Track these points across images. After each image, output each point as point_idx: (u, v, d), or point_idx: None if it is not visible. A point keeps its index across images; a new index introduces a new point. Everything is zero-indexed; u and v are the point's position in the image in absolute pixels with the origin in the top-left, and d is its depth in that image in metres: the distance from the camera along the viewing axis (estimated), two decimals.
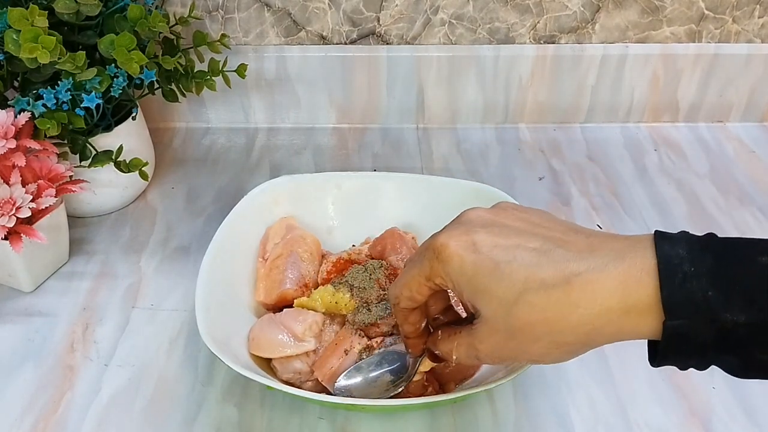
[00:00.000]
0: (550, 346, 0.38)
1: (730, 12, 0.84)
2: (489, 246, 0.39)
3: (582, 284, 0.36)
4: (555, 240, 0.38)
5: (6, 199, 0.60)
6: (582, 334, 0.36)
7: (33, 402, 0.56)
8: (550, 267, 0.37)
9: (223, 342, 0.53)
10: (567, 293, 0.36)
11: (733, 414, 0.56)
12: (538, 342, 0.38)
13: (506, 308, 0.38)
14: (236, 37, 0.85)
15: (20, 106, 0.63)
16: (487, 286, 0.38)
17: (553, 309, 0.36)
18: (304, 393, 0.50)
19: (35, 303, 0.65)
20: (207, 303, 0.55)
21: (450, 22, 0.85)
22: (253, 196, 0.65)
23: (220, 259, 0.60)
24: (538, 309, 0.37)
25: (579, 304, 0.36)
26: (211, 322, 0.53)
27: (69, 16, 0.64)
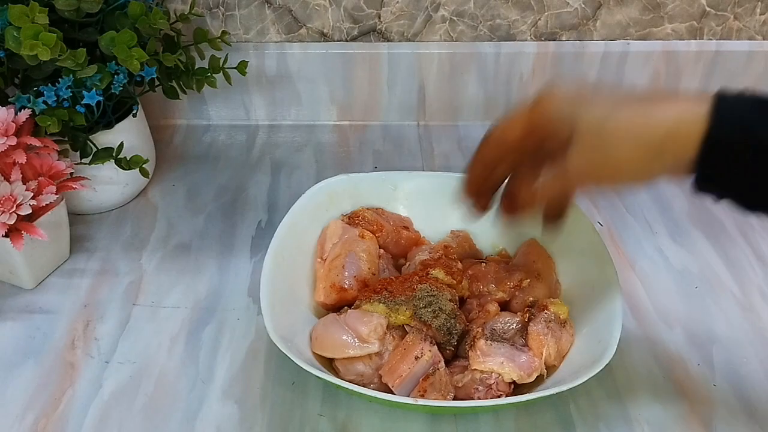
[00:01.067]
0: (633, 150, 0.43)
1: (731, 9, 0.84)
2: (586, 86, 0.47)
3: (661, 98, 0.43)
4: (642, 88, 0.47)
5: (7, 196, 0.60)
6: (663, 133, 0.42)
7: (34, 399, 0.56)
8: (638, 93, 0.45)
9: (289, 340, 0.53)
10: (649, 104, 0.43)
11: (733, 411, 0.56)
12: (625, 148, 0.43)
13: (600, 122, 0.44)
14: (237, 34, 0.85)
15: (21, 103, 0.63)
16: (585, 107, 0.45)
17: (638, 113, 0.43)
18: (385, 395, 0.50)
19: (36, 300, 0.65)
20: (272, 301, 0.55)
21: (451, 19, 0.84)
22: (310, 195, 0.65)
23: (281, 257, 0.60)
24: (626, 116, 0.43)
25: (659, 109, 0.43)
26: (276, 321, 0.54)
27: (69, 13, 0.64)
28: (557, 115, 0.47)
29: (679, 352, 0.61)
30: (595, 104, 0.45)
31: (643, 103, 0.44)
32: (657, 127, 0.42)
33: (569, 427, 0.55)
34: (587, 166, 0.45)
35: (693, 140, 0.41)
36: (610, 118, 0.44)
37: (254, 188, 0.79)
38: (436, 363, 0.54)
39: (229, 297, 0.65)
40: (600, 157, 0.44)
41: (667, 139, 0.42)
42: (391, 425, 0.55)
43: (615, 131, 0.43)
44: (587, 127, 0.45)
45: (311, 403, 0.56)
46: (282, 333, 0.53)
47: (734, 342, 0.62)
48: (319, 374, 0.50)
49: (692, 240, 0.72)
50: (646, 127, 0.43)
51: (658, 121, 0.42)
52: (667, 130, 0.42)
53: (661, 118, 0.42)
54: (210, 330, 0.62)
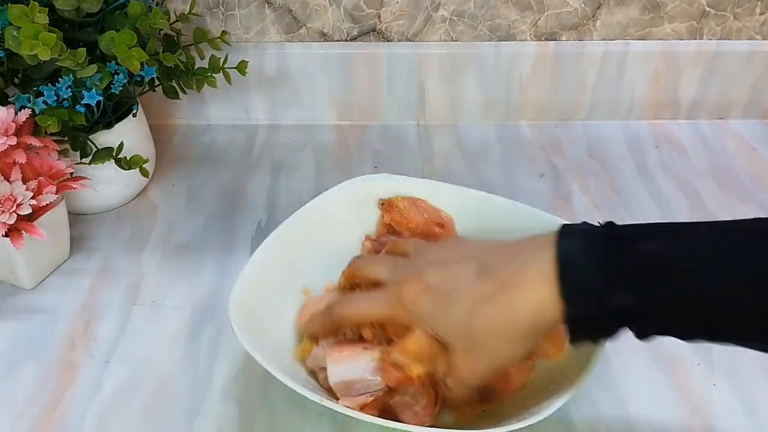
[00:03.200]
0: (511, 343, 0.46)
1: (731, 9, 0.84)
2: (438, 281, 0.48)
3: (513, 285, 0.44)
4: (487, 258, 0.47)
5: (7, 196, 0.60)
6: (528, 323, 0.44)
7: (34, 399, 0.56)
8: (487, 281, 0.45)
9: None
10: (505, 295, 0.44)
11: (734, 412, 0.56)
12: (501, 343, 0.46)
13: (466, 326, 0.46)
14: (237, 34, 0.85)
15: (21, 103, 0.63)
16: (446, 316, 0.47)
17: (499, 311, 0.44)
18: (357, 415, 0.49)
19: (36, 300, 0.65)
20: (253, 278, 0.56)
21: (451, 19, 0.84)
22: (348, 186, 0.65)
23: (287, 242, 0.60)
24: (489, 316, 0.45)
25: (516, 300, 0.44)
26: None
27: (69, 12, 0.64)
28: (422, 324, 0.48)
29: (679, 352, 0.60)
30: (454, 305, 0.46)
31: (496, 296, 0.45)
32: (520, 322, 0.44)
33: (569, 427, 0.55)
34: (476, 367, 0.47)
35: (555, 322, 0.43)
36: (474, 317, 0.45)
37: (254, 188, 0.79)
38: (381, 369, 0.52)
39: (230, 297, 0.65)
40: (484, 358, 0.47)
41: (533, 328, 0.45)
42: (391, 426, 0.55)
43: (486, 334, 0.45)
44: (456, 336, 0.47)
45: (311, 403, 0.56)
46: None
47: None
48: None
49: None
50: (511, 326, 0.45)
51: (519, 317, 0.44)
52: (530, 323, 0.44)
53: (520, 315, 0.44)
54: (210, 330, 0.62)
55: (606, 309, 0.41)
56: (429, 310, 0.48)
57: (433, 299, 0.47)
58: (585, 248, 0.42)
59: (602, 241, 0.42)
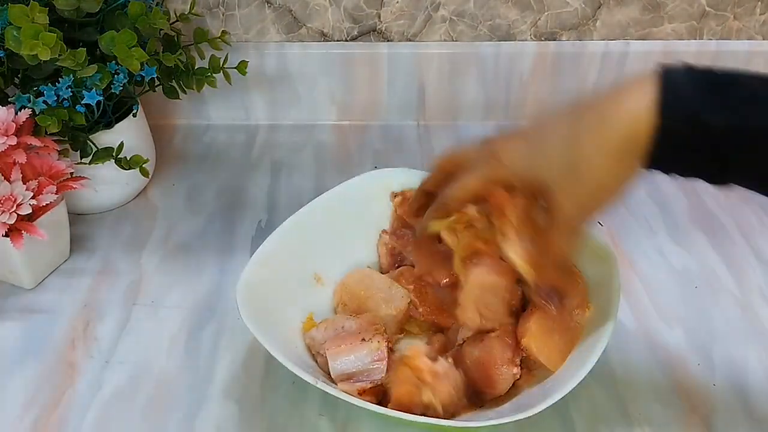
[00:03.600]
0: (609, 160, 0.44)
1: (731, 9, 0.84)
2: (532, 127, 0.49)
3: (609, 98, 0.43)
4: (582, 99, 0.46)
5: (7, 196, 0.60)
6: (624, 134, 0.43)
7: (34, 399, 0.56)
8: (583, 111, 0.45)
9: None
10: (600, 107, 0.44)
11: (733, 411, 0.56)
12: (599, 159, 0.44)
13: (565, 155, 0.45)
14: (237, 34, 0.85)
15: (21, 103, 0.63)
16: (544, 151, 0.46)
17: (594, 121, 0.44)
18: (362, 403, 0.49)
19: (36, 300, 0.65)
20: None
21: (451, 19, 0.84)
22: (366, 179, 0.65)
23: (301, 228, 0.61)
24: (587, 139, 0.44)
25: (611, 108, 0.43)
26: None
27: (70, 12, 0.64)
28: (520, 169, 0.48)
29: (679, 352, 0.61)
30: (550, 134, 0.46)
31: (594, 107, 0.44)
32: (616, 131, 0.43)
33: (569, 427, 0.55)
34: (579, 193, 0.46)
35: (647, 137, 0.42)
36: (571, 139, 0.45)
37: (254, 188, 0.79)
38: (380, 359, 0.53)
39: (229, 297, 0.65)
40: (585, 179, 0.45)
41: (628, 141, 0.43)
42: (392, 426, 0.55)
43: (584, 151, 0.44)
44: (557, 164, 0.46)
45: (311, 403, 0.56)
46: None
47: (734, 342, 0.62)
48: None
49: (692, 240, 0.72)
50: (607, 135, 0.43)
51: (614, 126, 0.43)
52: (624, 134, 0.43)
53: (615, 123, 0.43)
54: (210, 330, 0.62)
55: (698, 126, 0.40)
56: (525, 155, 0.47)
57: (528, 143, 0.48)
58: (687, 77, 0.42)
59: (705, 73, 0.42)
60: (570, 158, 0.45)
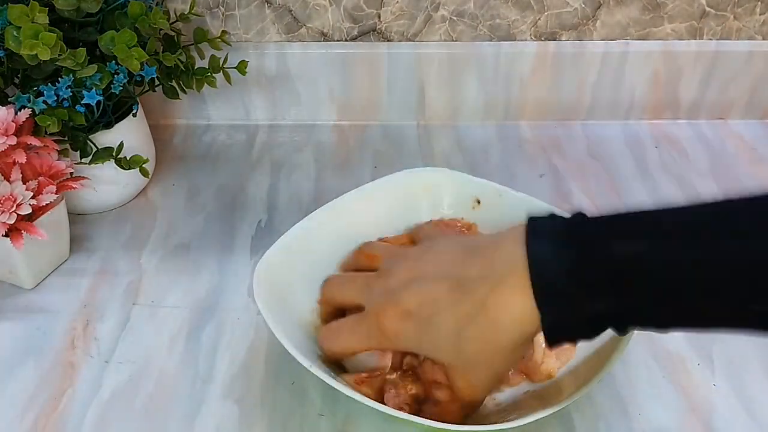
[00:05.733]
0: (503, 355, 0.46)
1: (731, 9, 0.84)
2: (414, 305, 0.47)
3: (492, 305, 0.44)
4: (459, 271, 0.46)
5: (6, 196, 0.60)
6: (514, 337, 0.45)
7: (33, 399, 0.56)
8: (465, 300, 0.45)
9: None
10: (486, 316, 0.44)
11: (733, 411, 0.56)
12: (493, 357, 0.46)
13: (455, 351, 0.46)
14: (237, 34, 0.85)
15: (21, 102, 0.63)
16: (432, 343, 0.48)
17: (484, 332, 0.45)
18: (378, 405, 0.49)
19: (36, 300, 0.65)
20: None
21: (451, 19, 0.84)
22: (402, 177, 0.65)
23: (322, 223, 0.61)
24: (475, 338, 0.45)
25: (498, 319, 0.44)
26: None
27: (69, 12, 0.64)
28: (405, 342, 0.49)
29: (679, 352, 0.61)
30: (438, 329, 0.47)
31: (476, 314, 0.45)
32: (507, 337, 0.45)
33: (569, 427, 0.55)
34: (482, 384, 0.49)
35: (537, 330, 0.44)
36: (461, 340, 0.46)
37: (254, 188, 0.79)
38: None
39: (229, 297, 0.65)
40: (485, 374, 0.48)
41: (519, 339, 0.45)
42: (391, 426, 0.55)
43: (477, 354, 0.46)
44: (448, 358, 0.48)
45: (311, 403, 0.56)
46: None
47: (734, 342, 0.62)
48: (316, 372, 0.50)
49: None
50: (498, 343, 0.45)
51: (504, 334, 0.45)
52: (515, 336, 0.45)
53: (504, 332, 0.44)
54: (210, 330, 0.62)
55: (583, 315, 0.42)
56: (414, 339, 0.48)
57: (414, 327, 0.48)
58: (556, 254, 0.41)
59: (574, 244, 0.41)
60: (460, 352, 0.47)
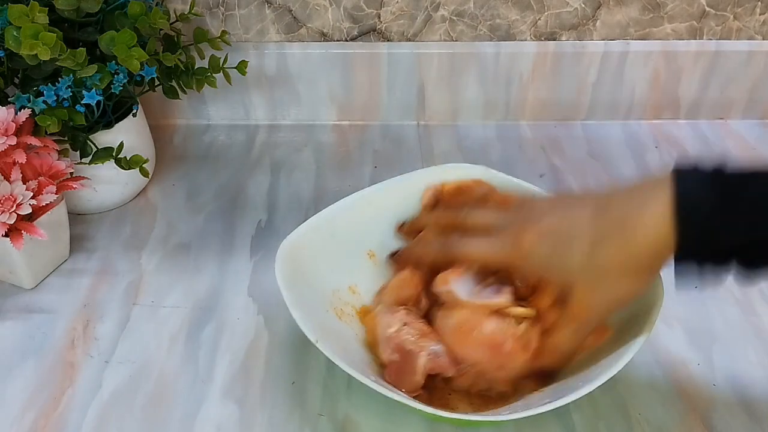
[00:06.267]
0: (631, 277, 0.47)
1: (731, 9, 0.84)
2: (556, 225, 0.49)
3: (632, 223, 0.45)
4: (602, 200, 0.48)
5: (7, 196, 0.60)
6: (647, 257, 0.46)
7: (34, 399, 0.56)
8: (605, 220, 0.47)
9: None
10: (624, 232, 0.46)
11: (733, 411, 0.56)
12: (621, 276, 0.47)
13: (587, 264, 0.47)
14: (237, 34, 0.85)
15: (21, 102, 0.63)
16: (564, 257, 0.48)
17: (619, 246, 0.46)
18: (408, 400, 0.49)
19: (36, 300, 0.65)
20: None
21: (451, 19, 0.84)
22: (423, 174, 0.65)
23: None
24: (609, 252, 0.46)
25: (635, 236, 0.45)
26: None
27: (69, 12, 0.64)
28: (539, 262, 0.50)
29: (679, 352, 0.61)
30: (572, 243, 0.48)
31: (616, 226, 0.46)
32: (639, 256, 0.46)
33: (569, 427, 0.55)
34: (599, 303, 0.49)
35: (668, 255, 0.45)
36: (595, 252, 0.47)
37: (254, 188, 0.79)
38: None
39: (229, 297, 0.65)
40: (606, 291, 0.48)
41: (650, 262, 0.47)
42: (391, 425, 0.55)
43: (607, 266, 0.47)
44: (579, 272, 0.48)
45: (311, 403, 0.56)
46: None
47: (734, 342, 0.62)
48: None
49: None
50: (631, 259, 0.46)
51: (638, 252, 0.46)
52: (648, 257, 0.46)
53: (639, 250, 0.46)
54: (210, 330, 0.62)
55: (717, 243, 0.43)
56: (547, 254, 0.49)
57: (551, 243, 0.49)
58: (701, 188, 0.44)
59: (718, 181, 0.44)
60: (591, 267, 0.48)
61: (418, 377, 0.52)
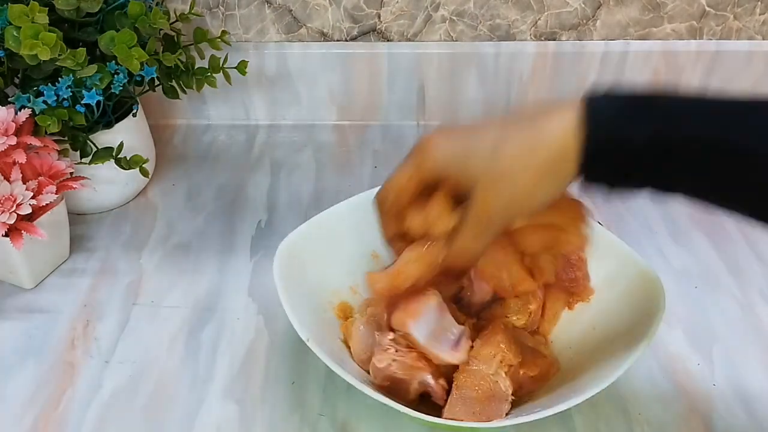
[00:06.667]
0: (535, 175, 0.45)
1: (731, 9, 0.84)
2: (464, 126, 0.49)
3: (540, 117, 0.45)
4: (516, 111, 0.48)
5: (7, 196, 0.60)
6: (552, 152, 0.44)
7: (34, 399, 0.56)
8: (514, 123, 0.47)
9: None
10: (531, 125, 0.45)
11: (733, 411, 0.56)
12: (525, 172, 0.45)
13: (491, 156, 0.46)
14: (237, 34, 0.85)
15: (21, 102, 0.63)
16: (471, 147, 0.47)
17: (524, 137, 0.45)
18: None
19: (36, 300, 0.65)
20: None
21: (451, 19, 0.84)
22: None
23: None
24: (514, 143, 0.46)
25: (541, 128, 0.45)
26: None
27: (69, 12, 0.64)
28: (445, 163, 0.49)
29: (679, 352, 0.61)
30: (480, 137, 0.47)
31: (524, 126, 0.46)
32: (544, 149, 0.45)
33: (569, 427, 0.55)
34: (499, 201, 0.47)
35: (573, 157, 0.44)
36: (501, 146, 0.46)
37: (254, 188, 0.79)
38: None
39: (229, 297, 0.65)
40: (508, 189, 0.46)
41: (555, 159, 0.45)
42: (392, 425, 0.55)
43: (511, 161, 0.46)
44: (482, 167, 0.47)
45: (311, 403, 0.56)
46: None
47: (734, 342, 0.62)
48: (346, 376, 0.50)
49: (692, 240, 0.72)
50: (535, 152, 0.45)
51: (542, 144, 0.45)
52: (553, 152, 0.44)
53: (544, 141, 0.45)
54: (210, 330, 0.62)
55: (621, 142, 0.42)
56: (454, 150, 0.48)
57: (457, 140, 0.48)
58: (610, 96, 0.44)
59: (627, 92, 0.44)
60: (495, 164, 0.46)
61: (411, 396, 0.52)
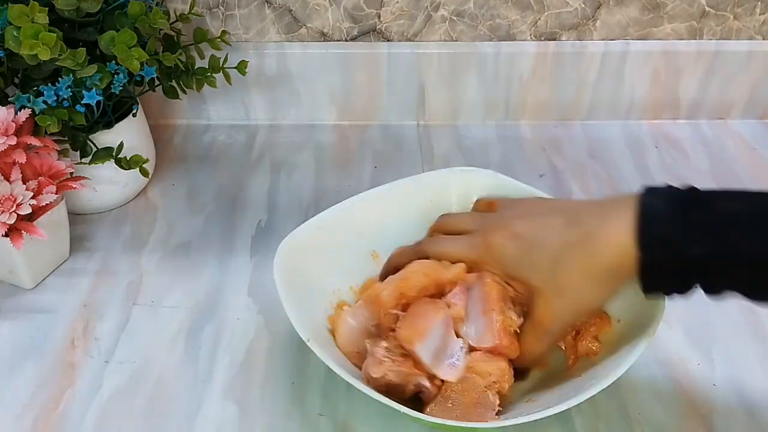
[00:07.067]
0: (593, 286, 0.48)
1: (731, 9, 0.84)
2: (526, 230, 0.51)
3: (596, 233, 0.47)
4: (573, 211, 0.50)
5: (7, 196, 0.60)
6: (608, 268, 0.47)
7: (34, 399, 0.56)
8: (573, 230, 0.48)
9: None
10: (588, 242, 0.47)
11: (733, 411, 0.56)
12: (583, 286, 0.48)
13: (550, 270, 0.49)
14: (237, 34, 0.85)
15: (21, 102, 0.63)
16: (532, 260, 0.50)
17: (582, 255, 0.47)
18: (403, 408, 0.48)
19: (36, 300, 0.65)
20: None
21: (451, 19, 0.84)
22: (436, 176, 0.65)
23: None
24: (572, 260, 0.48)
25: (598, 246, 0.47)
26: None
27: (69, 12, 0.64)
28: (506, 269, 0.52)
29: (679, 352, 0.61)
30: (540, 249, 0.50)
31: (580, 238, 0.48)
32: (601, 266, 0.47)
33: (569, 427, 0.55)
34: (561, 313, 0.50)
35: (630, 269, 0.45)
36: (558, 262, 0.49)
37: (254, 188, 0.79)
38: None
39: (229, 297, 0.65)
40: (568, 302, 0.50)
41: (612, 273, 0.47)
42: (391, 425, 0.55)
43: (570, 278, 0.48)
44: (542, 281, 0.50)
45: (311, 403, 0.56)
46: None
47: (734, 342, 0.62)
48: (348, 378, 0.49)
49: None
50: (592, 269, 0.47)
51: (599, 262, 0.47)
52: (609, 267, 0.47)
53: (600, 259, 0.47)
54: (210, 330, 0.62)
55: (679, 258, 0.43)
56: (514, 256, 0.51)
57: (519, 246, 0.51)
58: (666, 204, 0.45)
59: (682, 198, 0.45)
60: (555, 275, 0.49)
61: (406, 396, 0.52)
